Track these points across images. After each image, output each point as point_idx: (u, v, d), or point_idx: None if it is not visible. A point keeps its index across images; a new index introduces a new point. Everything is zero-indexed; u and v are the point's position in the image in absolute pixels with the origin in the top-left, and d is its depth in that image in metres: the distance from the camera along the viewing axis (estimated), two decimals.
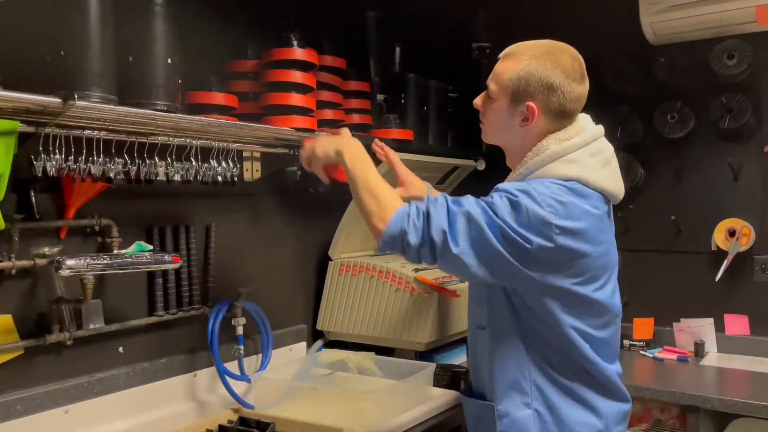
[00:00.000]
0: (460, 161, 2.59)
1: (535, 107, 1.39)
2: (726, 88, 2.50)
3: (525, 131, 1.42)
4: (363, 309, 2.25)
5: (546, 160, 1.39)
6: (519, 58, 1.41)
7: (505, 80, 1.40)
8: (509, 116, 1.42)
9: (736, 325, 2.57)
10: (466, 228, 1.30)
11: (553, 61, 1.40)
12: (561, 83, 1.39)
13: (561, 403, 1.39)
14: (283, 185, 2.16)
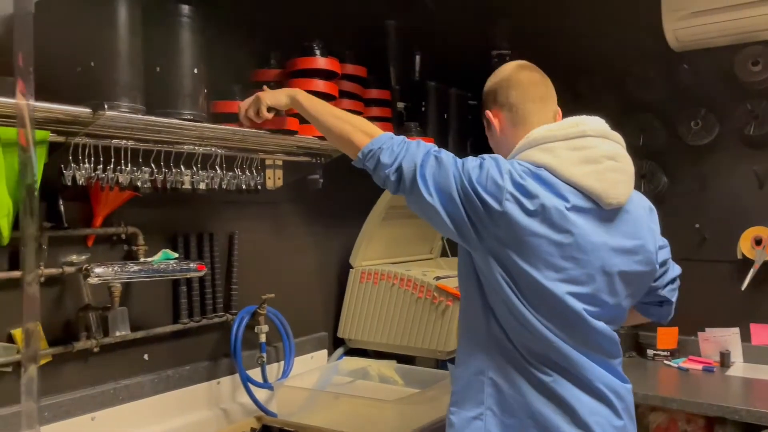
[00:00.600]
0: None
1: (489, 113, 1.55)
2: (751, 94, 2.47)
3: (501, 136, 1.53)
4: (384, 317, 2.25)
5: (525, 146, 1.44)
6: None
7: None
8: (489, 129, 1.57)
9: (763, 335, 2.53)
10: (435, 169, 1.37)
11: (490, 81, 1.59)
12: (496, 85, 1.56)
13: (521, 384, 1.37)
14: (304, 193, 2.17)
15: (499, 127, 1.52)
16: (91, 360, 1.63)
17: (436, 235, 2.78)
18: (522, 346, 1.38)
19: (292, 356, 2.05)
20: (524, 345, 1.38)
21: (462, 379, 1.43)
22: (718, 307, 2.57)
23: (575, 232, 1.34)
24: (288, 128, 1.79)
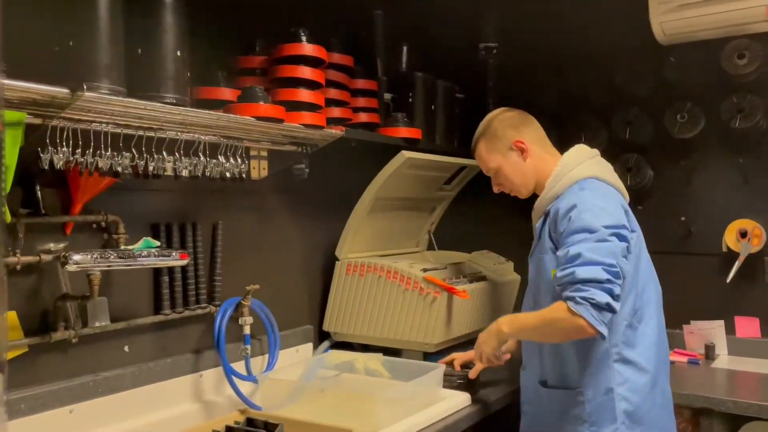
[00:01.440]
0: (468, 161, 2.55)
1: (519, 139, 1.84)
2: (737, 88, 2.48)
3: (531, 160, 1.85)
4: (370, 310, 2.22)
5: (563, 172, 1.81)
6: (481, 139, 1.89)
7: (490, 153, 1.87)
8: (515, 164, 1.86)
9: (747, 328, 2.54)
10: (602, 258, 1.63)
11: (499, 119, 1.90)
12: (515, 119, 1.88)
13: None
14: (290, 184, 2.14)
15: (528, 151, 1.85)
16: (69, 351, 1.58)
17: (422, 229, 2.76)
18: (636, 353, 1.72)
19: (277, 349, 2.01)
20: (641, 349, 1.73)
21: (594, 400, 1.70)
22: (703, 300, 2.58)
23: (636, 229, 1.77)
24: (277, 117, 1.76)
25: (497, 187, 1.93)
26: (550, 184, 1.81)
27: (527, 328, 1.75)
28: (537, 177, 1.85)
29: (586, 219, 1.65)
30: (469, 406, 1.88)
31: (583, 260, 1.60)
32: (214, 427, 1.67)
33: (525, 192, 1.90)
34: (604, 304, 1.57)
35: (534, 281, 1.83)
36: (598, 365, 1.71)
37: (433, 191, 2.61)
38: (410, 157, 2.15)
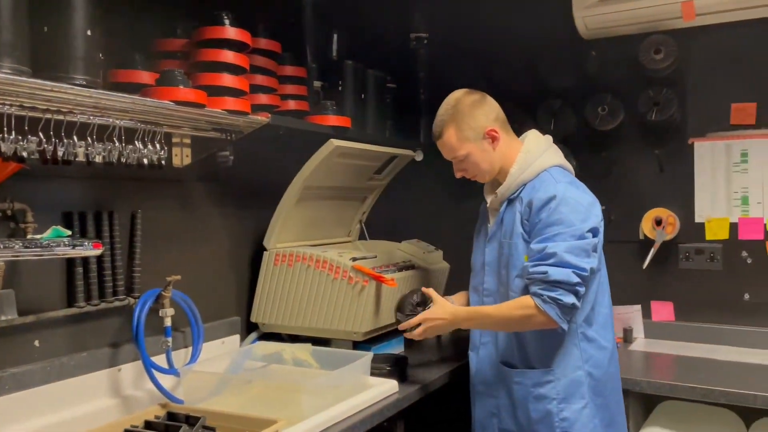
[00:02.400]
0: (399, 151, 2.57)
1: (492, 128, 1.85)
2: (653, 82, 2.58)
3: (501, 147, 1.87)
4: (299, 300, 2.20)
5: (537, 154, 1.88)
6: (449, 126, 1.87)
7: (461, 140, 1.85)
8: (483, 151, 1.86)
9: (662, 312, 2.67)
10: (576, 253, 1.72)
11: (467, 104, 1.87)
12: (484, 106, 1.88)
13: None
14: (215, 172, 2.08)
15: (501, 139, 1.88)
16: None
17: (354, 218, 2.75)
18: (595, 331, 1.82)
19: (201, 341, 1.96)
20: (600, 330, 1.83)
21: (563, 378, 1.79)
22: (622, 286, 2.67)
23: None
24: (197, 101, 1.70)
25: (460, 173, 1.92)
26: (516, 170, 1.85)
27: (488, 323, 1.84)
28: (502, 163, 1.88)
29: (564, 213, 1.72)
30: (397, 393, 1.89)
31: (557, 260, 1.68)
32: (132, 422, 1.62)
33: (489, 177, 1.91)
34: (570, 305, 1.69)
35: (496, 264, 1.88)
36: (565, 345, 1.80)
37: (364, 180, 2.60)
38: (339, 145, 2.13)
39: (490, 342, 1.92)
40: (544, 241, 1.72)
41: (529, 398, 1.81)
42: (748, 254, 2.53)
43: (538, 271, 1.70)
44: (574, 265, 1.68)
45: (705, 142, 2.60)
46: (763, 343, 2.46)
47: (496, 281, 1.89)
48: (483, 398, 1.94)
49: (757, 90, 2.50)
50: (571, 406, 1.78)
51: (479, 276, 1.97)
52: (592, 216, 1.76)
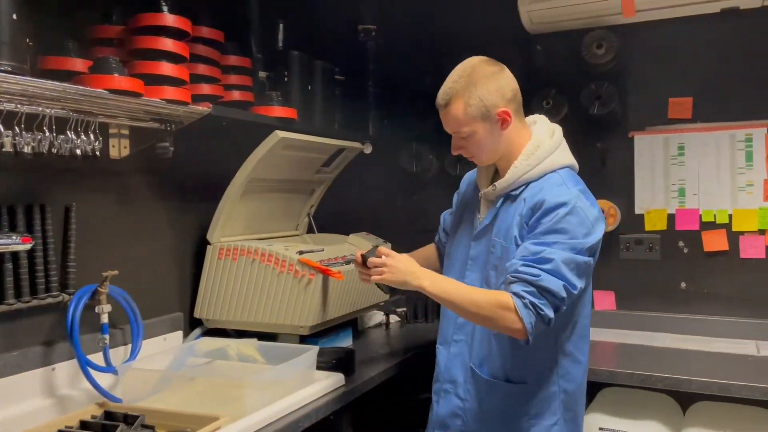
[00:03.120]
0: (347, 143, 2.55)
1: (505, 109, 1.66)
2: (595, 76, 2.64)
3: (509, 132, 1.69)
4: (244, 294, 2.16)
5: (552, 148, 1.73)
6: (458, 97, 1.66)
7: (468, 116, 1.65)
8: (490, 133, 1.67)
9: (604, 301, 2.74)
10: (572, 272, 1.57)
11: (483, 76, 1.67)
12: (501, 80, 1.69)
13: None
14: (155, 164, 2.02)
15: (511, 123, 1.69)
16: None
17: (302, 211, 2.72)
18: (573, 344, 1.71)
19: (140, 338, 1.90)
20: (577, 342, 1.72)
21: (538, 394, 1.68)
22: None
23: None
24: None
25: (458, 150, 1.73)
26: (522, 165, 1.67)
27: (453, 299, 1.60)
28: (507, 149, 1.69)
29: (570, 223, 1.56)
30: (343, 386, 1.88)
31: (552, 268, 1.52)
32: (67, 422, 1.55)
33: (488, 162, 1.74)
34: (547, 320, 1.53)
35: (483, 262, 1.72)
36: (544, 360, 1.68)
37: (312, 173, 2.58)
38: (284, 137, 2.10)
39: (463, 341, 1.77)
40: (542, 245, 1.55)
41: (500, 410, 1.71)
42: (685, 244, 2.62)
43: (529, 272, 1.53)
44: (567, 279, 1.53)
45: (644, 136, 2.67)
46: (698, 329, 2.55)
47: (481, 281, 1.72)
48: (449, 397, 1.80)
49: (693, 85, 2.59)
50: (541, 422, 1.68)
51: (458, 270, 1.79)
52: (596, 232, 1.60)
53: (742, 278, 2.53)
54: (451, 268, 1.83)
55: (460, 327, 1.78)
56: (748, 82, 2.51)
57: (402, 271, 1.65)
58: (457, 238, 1.84)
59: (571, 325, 1.69)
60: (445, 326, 1.84)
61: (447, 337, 1.82)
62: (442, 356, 1.83)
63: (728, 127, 2.54)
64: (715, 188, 2.56)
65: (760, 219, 2.49)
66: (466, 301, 1.59)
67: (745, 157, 2.52)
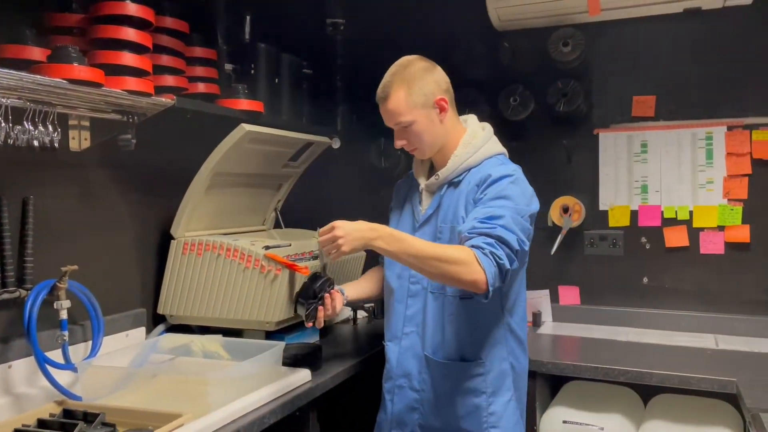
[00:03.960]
0: (315, 137, 2.53)
1: (442, 97, 1.76)
2: (562, 74, 2.67)
3: (447, 122, 1.79)
4: (209, 290, 2.13)
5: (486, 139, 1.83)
6: (399, 87, 1.74)
7: (409, 104, 1.73)
8: (430, 121, 1.76)
9: (569, 296, 2.78)
10: (521, 230, 1.65)
11: (420, 69, 1.77)
12: (435, 74, 1.79)
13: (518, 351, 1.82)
14: (118, 157, 1.97)
15: (448, 110, 1.79)
16: None
17: (269, 206, 2.69)
18: (516, 323, 1.80)
19: (101, 334, 1.86)
20: (520, 323, 1.82)
21: (492, 371, 1.75)
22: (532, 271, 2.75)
23: None
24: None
25: (401, 142, 1.79)
26: (462, 152, 1.77)
27: (411, 253, 1.56)
28: (445, 140, 1.79)
29: (514, 191, 1.67)
30: (309, 382, 1.87)
31: (505, 223, 1.58)
32: (24, 421, 1.51)
33: (429, 153, 1.81)
34: (505, 270, 1.56)
35: None
36: (495, 336, 1.75)
37: (279, 168, 2.55)
38: (251, 130, 2.07)
39: (414, 332, 1.82)
40: (491, 208, 1.63)
41: (458, 392, 1.75)
42: (647, 240, 2.67)
43: (485, 226, 1.58)
44: (518, 234, 1.59)
45: (609, 133, 2.71)
46: (659, 323, 2.61)
47: None
48: (404, 391, 1.84)
49: (657, 83, 2.64)
50: (498, 399, 1.75)
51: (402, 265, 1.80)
52: (534, 204, 1.75)
53: (701, 274, 2.59)
54: (394, 263, 1.86)
55: (410, 319, 1.83)
56: (709, 82, 2.57)
57: (359, 236, 1.59)
58: None
59: (515, 305, 1.80)
60: (394, 321, 1.88)
61: (396, 332, 1.86)
62: (392, 352, 1.88)
63: (689, 125, 2.59)
64: (676, 185, 2.62)
65: (719, 216, 2.55)
66: (427, 257, 1.56)
67: (706, 155, 2.57)
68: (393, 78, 1.75)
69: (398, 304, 1.88)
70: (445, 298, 1.78)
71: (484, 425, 1.74)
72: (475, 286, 1.54)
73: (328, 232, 1.63)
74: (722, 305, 2.54)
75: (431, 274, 1.61)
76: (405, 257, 1.58)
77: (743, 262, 2.53)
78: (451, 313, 1.77)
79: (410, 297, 1.85)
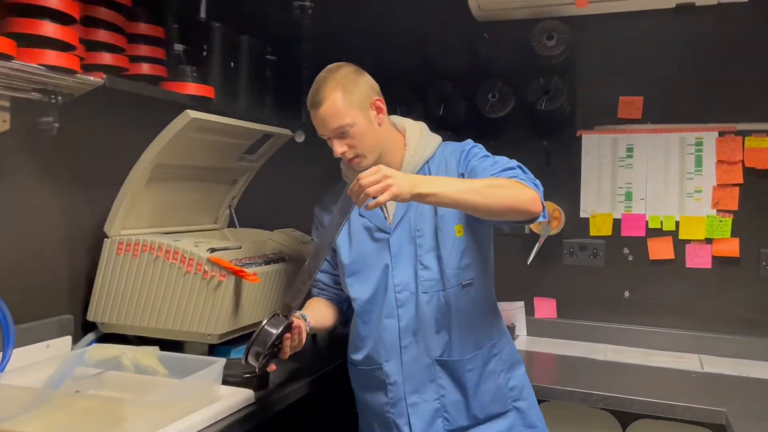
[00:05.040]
0: (273, 129, 2.30)
1: (378, 98, 1.70)
2: (544, 69, 2.48)
3: (385, 125, 1.71)
4: (146, 296, 1.90)
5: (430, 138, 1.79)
6: (335, 89, 1.63)
7: (347, 105, 1.63)
8: (370, 123, 1.66)
9: (545, 309, 2.60)
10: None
11: (351, 72, 1.69)
12: (365, 76, 1.71)
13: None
14: (43, 143, 1.73)
15: (384, 113, 1.71)
16: None
17: (222, 203, 2.46)
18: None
19: (11, 345, 1.61)
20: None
21: (504, 347, 1.76)
22: (506, 281, 2.56)
23: None
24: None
25: (343, 148, 1.66)
26: (418, 147, 1.73)
27: (464, 188, 1.45)
28: (386, 146, 1.71)
29: (491, 155, 1.71)
30: (253, 404, 1.65)
31: (511, 161, 1.63)
32: None
33: (371, 159, 1.68)
34: (542, 190, 1.59)
35: (411, 252, 1.70)
36: (496, 311, 1.79)
37: (233, 161, 2.32)
38: (197, 117, 1.84)
39: (413, 342, 1.70)
40: (486, 163, 1.66)
41: (480, 381, 1.70)
42: (630, 251, 2.50)
43: (509, 166, 1.61)
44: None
45: (593, 135, 2.54)
46: (640, 341, 2.44)
47: (412, 275, 1.69)
48: (420, 408, 1.70)
49: (645, 84, 2.47)
50: (514, 372, 1.75)
51: (379, 277, 1.72)
52: None
53: (686, 288, 2.42)
54: (365, 281, 1.73)
55: (405, 330, 1.70)
56: (700, 83, 2.40)
57: (406, 179, 1.42)
58: (363, 252, 1.75)
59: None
60: (387, 339, 1.72)
61: (392, 350, 1.72)
62: (394, 373, 1.72)
63: (679, 129, 2.43)
64: (662, 193, 2.45)
65: (707, 227, 2.39)
66: (483, 185, 1.49)
67: (695, 162, 2.41)
68: (325, 82, 1.65)
69: (388, 320, 1.72)
70: (442, 294, 1.69)
71: (509, 401, 1.73)
72: (534, 203, 1.51)
73: (375, 173, 1.41)
74: (708, 323, 2.39)
75: (489, 206, 1.46)
76: (459, 195, 1.43)
77: (731, 277, 2.37)
78: (455, 305, 1.69)
79: (400, 307, 1.71)
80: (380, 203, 1.38)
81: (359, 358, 1.81)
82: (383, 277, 1.72)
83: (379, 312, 1.73)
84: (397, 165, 1.72)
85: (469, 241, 1.69)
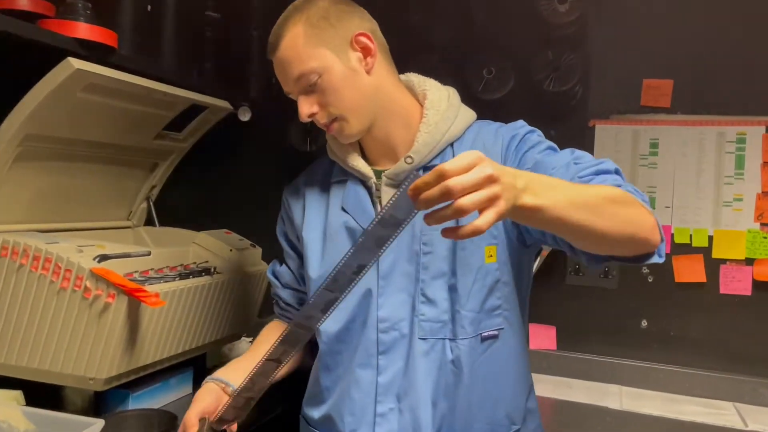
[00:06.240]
0: (208, 99, 1.78)
1: (364, 32, 1.17)
2: (554, 41, 2.00)
3: (380, 76, 1.18)
4: (4, 319, 1.34)
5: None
6: (296, 21, 1.15)
7: (312, 44, 1.13)
8: (350, 69, 1.15)
9: (542, 338, 2.11)
10: None
11: (324, 4, 1.17)
12: (357, 8, 1.21)
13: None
14: None
15: (375, 55, 1.18)
16: None
17: (137, 194, 1.91)
18: None
19: None
20: None
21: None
22: None
23: None
24: None
25: (311, 108, 1.16)
26: (425, 140, 1.17)
27: (579, 201, 0.88)
28: (380, 111, 1.18)
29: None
30: None
31: (599, 160, 1.09)
32: None
33: (358, 125, 1.17)
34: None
35: (412, 272, 1.16)
36: (531, 389, 1.27)
37: (150, 138, 1.77)
38: (83, 69, 1.30)
39: (395, 410, 1.17)
40: (561, 158, 1.11)
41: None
42: (650, 271, 2.03)
43: (607, 167, 1.05)
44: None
45: (609, 126, 2.06)
46: (661, 383, 1.98)
47: (411, 304, 1.15)
48: None
49: (676, 64, 2.00)
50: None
51: (355, 304, 1.19)
52: None
53: (720, 319, 1.97)
54: (336, 307, 1.08)
55: (385, 390, 1.16)
56: (745, 65, 1.94)
57: (511, 180, 0.80)
58: (330, 254, 1.24)
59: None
60: (358, 398, 1.19)
61: (364, 416, 1.18)
62: None
63: (717, 122, 1.97)
64: (693, 201, 1.99)
65: (748, 245, 1.93)
66: (600, 199, 0.91)
67: (735, 163, 1.96)
68: (287, 16, 1.17)
69: (361, 370, 1.19)
70: (450, 345, 1.15)
71: None
72: (654, 233, 0.98)
73: (473, 165, 0.77)
74: (746, 364, 1.94)
75: (605, 233, 0.91)
76: (574, 213, 0.87)
77: None
78: (468, 364, 1.14)
79: (382, 354, 1.17)
80: (479, 232, 0.76)
81: (315, 417, 1.28)
82: (363, 305, 1.18)
83: (351, 356, 1.20)
84: (406, 144, 1.20)
85: (504, 272, 1.16)
